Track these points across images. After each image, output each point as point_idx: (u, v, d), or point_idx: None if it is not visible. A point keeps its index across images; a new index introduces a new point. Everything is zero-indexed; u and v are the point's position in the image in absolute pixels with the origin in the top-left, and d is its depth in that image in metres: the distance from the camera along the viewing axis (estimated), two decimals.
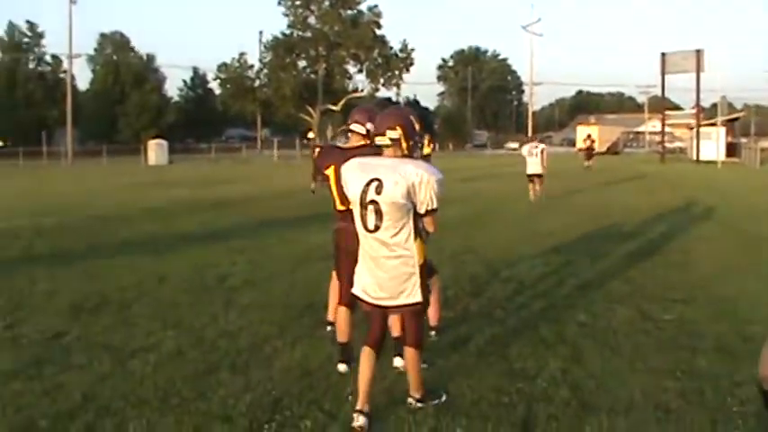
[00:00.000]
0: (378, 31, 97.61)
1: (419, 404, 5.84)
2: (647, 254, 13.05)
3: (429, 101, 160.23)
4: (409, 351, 5.75)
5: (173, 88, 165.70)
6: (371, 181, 5.38)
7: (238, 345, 7.56)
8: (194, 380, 6.47)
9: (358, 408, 5.52)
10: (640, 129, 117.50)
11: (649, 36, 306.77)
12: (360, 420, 5.46)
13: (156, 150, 69.68)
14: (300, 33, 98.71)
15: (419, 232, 5.52)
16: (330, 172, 6.72)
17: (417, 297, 5.51)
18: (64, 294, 10.07)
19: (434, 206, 5.38)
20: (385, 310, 5.72)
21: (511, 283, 10.69)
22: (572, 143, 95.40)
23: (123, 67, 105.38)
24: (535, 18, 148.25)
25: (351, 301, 6.38)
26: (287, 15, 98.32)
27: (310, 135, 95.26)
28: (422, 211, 5.38)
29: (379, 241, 5.46)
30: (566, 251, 13.46)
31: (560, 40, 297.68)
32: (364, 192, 5.42)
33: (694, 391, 6.20)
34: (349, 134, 6.65)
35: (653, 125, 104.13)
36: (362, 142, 6.49)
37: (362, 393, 5.55)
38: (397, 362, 6.56)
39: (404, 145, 5.48)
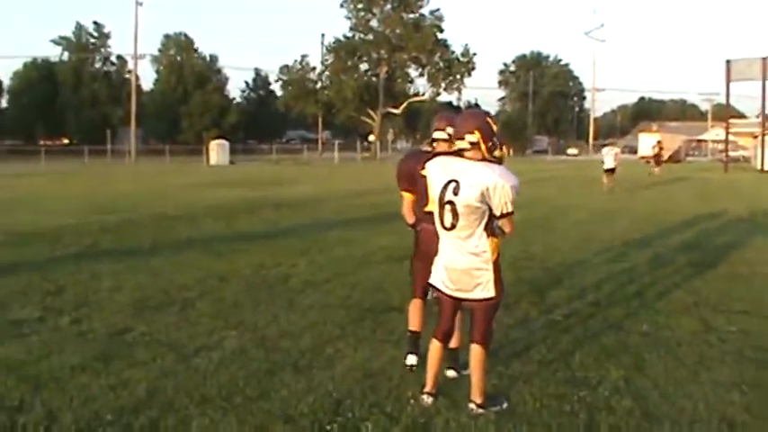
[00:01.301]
0: (439, 35, 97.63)
1: (479, 410, 5.85)
2: (711, 264, 12.83)
3: (489, 106, 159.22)
4: (475, 348, 5.89)
5: (234, 89, 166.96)
6: (450, 182, 5.67)
7: (300, 345, 7.58)
8: (257, 379, 6.50)
9: (426, 390, 6.02)
10: (703, 137, 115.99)
11: (714, 43, 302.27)
12: (429, 400, 5.94)
13: (217, 150, 70.19)
14: (362, 36, 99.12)
15: (494, 231, 5.74)
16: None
17: (491, 292, 5.76)
18: (128, 291, 10.19)
19: (509, 210, 5.60)
20: (457, 303, 5.97)
21: (572, 290, 10.58)
22: (633, 150, 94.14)
23: (186, 67, 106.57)
24: (597, 24, 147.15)
25: (424, 294, 6.72)
26: (349, 18, 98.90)
27: (371, 138, 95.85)
28: (497, 213, 5.61)
29: (455, 238, 5.74)
30: (627, 258, 13.33)
31: (622, 46, 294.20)
32: (443, 192, 5.70)
33: (761, 405, 6.09)
34: (434, 144, 6.56)
35: (716, 133, 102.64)
36: (449, 148, 6.26)
37: (431, 379, 6.02)
38: (450, 373, 6.65)
39: (483, 147, 5.67)
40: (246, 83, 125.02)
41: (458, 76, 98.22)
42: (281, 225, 18.27)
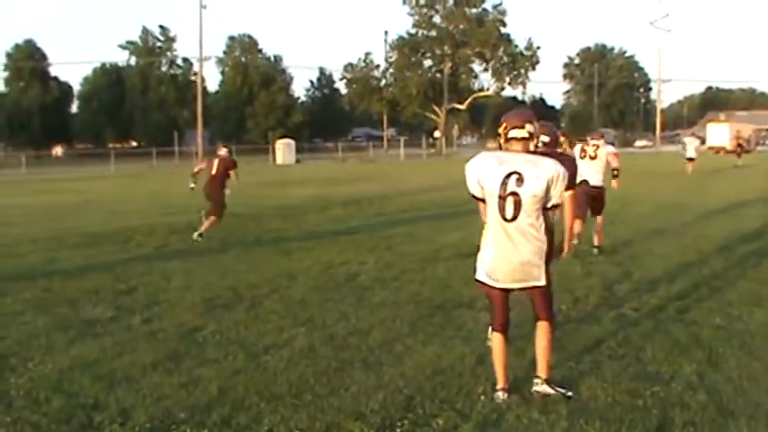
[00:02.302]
0: (503, 30, 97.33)
1: (544, 385, 6.05)
2: None
3: (554, 99, 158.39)
4: (543, 325, 6.08)
5: (299, 89, 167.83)
6: (511, 174, 5.75)
7: (369, 342, 7.57)
8: (326, 376, 6.51)
9: (499, 387, 6.00)
10: None
11: None
12: (503, 396, 5.92)
13: (283, 150, 70.69)
14: (426, 33, 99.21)
15: (549, 223, 5.99)
16: None
17: (543, 281, 5.94)
18: (197, 290, 10.30)
19: (559, 202, 5.94)
20: (508, 293, 6.06)
21: (641, 283, 10.43)
22: (702, 141, 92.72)
23: (251, 68, 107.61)
24: (662, 13, 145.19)
25: None
26: (412, 15, 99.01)
27: (436, 134, 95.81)
28: (549, 204, 5.85)
29: (516, 229, 5.81)
30: (698, 250, 13.09)
31: (688, 35, 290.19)
32: (504, 184, 5.76)
33: None
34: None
35: None
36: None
37: (502, 375, 6.04)
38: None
39: (534, 141, 6.04)
40: (311, 82, 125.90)
41: (522, 71, 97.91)
42: (349, 223, 18.33)
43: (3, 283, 10.97)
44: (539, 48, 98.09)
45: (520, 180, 5.73)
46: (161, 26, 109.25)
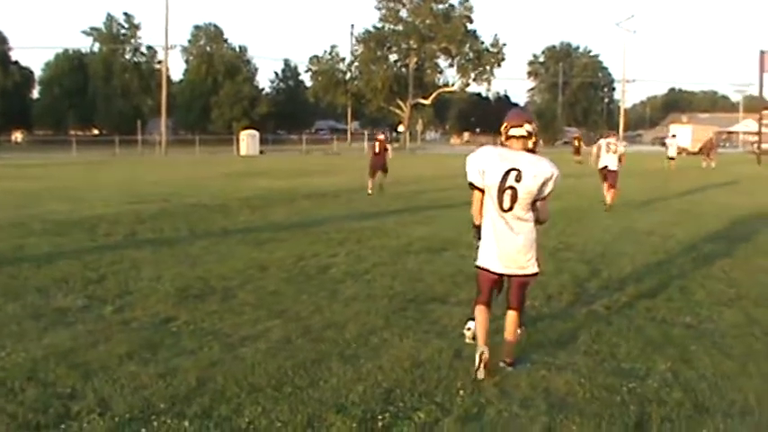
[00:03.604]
0: (469, 26, 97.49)
1: (509, 368, 6.52)
2: (751, 256, 12.75)
3: (519, 97, 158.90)
4: (512, 314, 6.64)
5: (264, 80, 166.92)
6: (511, 170, 6.29)
7: (345, 335, 7.57)
8: (304, 369, 6.48)
9: (481, 345, 6.43)
10: (734, 128, 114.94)
11: (746, 33, 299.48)
12: (486, 353, 6.31)
13: (248, 141, 70.38)
14: (392, 27, 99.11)
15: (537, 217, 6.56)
16: None
17: (535, 269, 6.58)
18: (168, 280, 10.23)
19: (545, 196, 6.47)
20: (500, 279, 6.64)
21: (612, 281, 10.55)
22: (664, 143, 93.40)
23: (216, 58, 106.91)
24: (628, 14, 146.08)
25: None
26: (379, 9, 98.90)
27: (400, 128, 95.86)
28: (536, 198, 6.40)
29: (512, 218, 6.38)
30: (665, 250, 13.26)
31: (653, 37, 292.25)
32: (504, 178, 6.30)
33: None
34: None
35: (745, 125, 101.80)
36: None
37: (482, 337, 6.49)
38: (471, 324, 7.21)
39: (533, 139, 6.48)
40: (276, 73, 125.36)
41: (487, 67, 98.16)
42: (316, 215, 18.29)
43: None
44: (504, 45, 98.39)
45: (519, 177, 6.27)
46: (125, 13, 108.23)
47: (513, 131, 6.46)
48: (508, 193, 6.30)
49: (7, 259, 11.79)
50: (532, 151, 6.53)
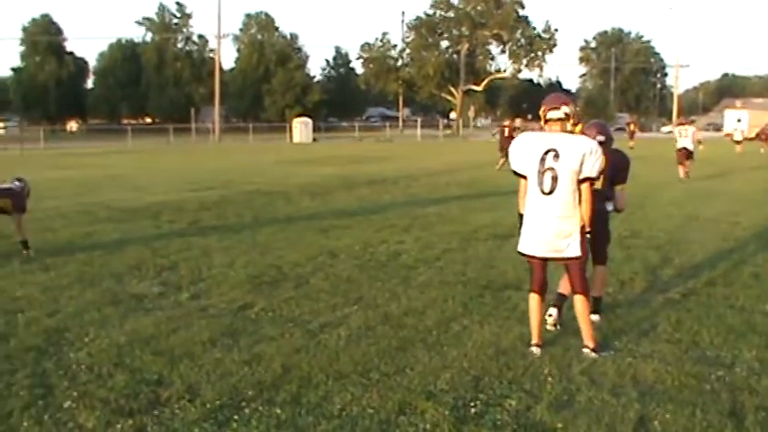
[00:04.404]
0: (521, 12, 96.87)
1: (593, 353, 6.47)
2: None
3: (570, 83, 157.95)
4: (577, 298, 6.58)
5: (315, 68, 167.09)
6: (549, 151, 6.33)
7: (426, 322, 7.52)
8: (389, 355, 6.45)
9: (534, 342, 6.61)
10: None
11: None
12: (537, 351, 6.50)
13: (300, 128, 70.60)
14: (443, 13, 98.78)
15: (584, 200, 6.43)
16: None
17: (577, 252, 6.44)
18: (240, 267, 10.27)
19: (593, 174, 6.35)
20: (546, 263, 6.66)
21: (684, 268, 10.36)
22: (718, 128, 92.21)
23: (267, 46, 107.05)
24: None
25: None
26: None
27: (453, 115, 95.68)
28: (581, 176, 6.31)
29: (553, 203, 6.35)
30: (734, 238, 13.02)
31: (706, 21, 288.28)
32: (542, 159, 6.34)
33: None
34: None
35: None
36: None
37: (536, 332, 6.65)
38: (552, 311, 7.30)
39: (571, 121, 6.50)
40: (327, 61, 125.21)
41: (539, 53, 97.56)
42: (378, 202, 18.29)
43: (43, 257, 10.91)
44: (556, 30, 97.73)
45: (556, 156, 6.29)
46: (177, 2, 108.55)
47: (551, 114, 6.51)
48: (548, 174, 6.33)
49: (78, 246, 11.91)
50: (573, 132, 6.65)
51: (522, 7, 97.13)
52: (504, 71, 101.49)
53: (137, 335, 7.05)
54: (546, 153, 6.32)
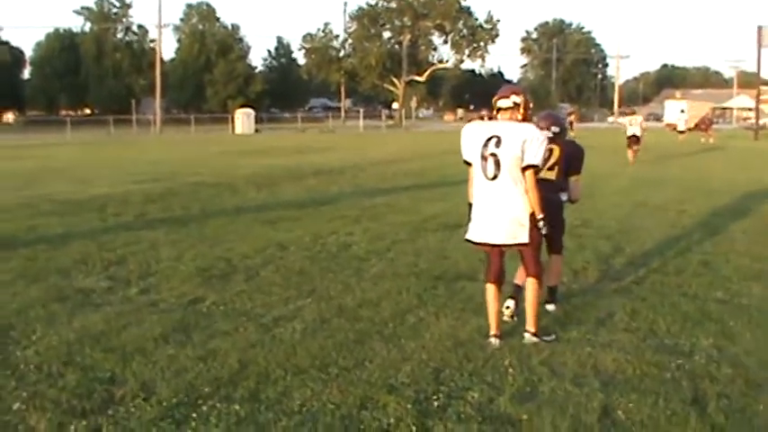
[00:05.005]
0: (463, 2, 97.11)
1: (533, 338, 6.59)
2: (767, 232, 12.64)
3: (512, 74, 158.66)
4: (529, 281, 6.71)
5: (257, 58, 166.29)
6: (492, 137, 6.44)
7: (381, 314, 7.43)
8: (347, 349, 6.35)
9: (492, 333, 6.60)
10: (727, 104, 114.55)
11: (739, 9, 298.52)
12: (496, 342, 6.51)
13: (243, 119, 70.30)
14: (385, 4, 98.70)
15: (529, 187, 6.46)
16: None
17: (526, 239, 6.48)
18: (189, 260, 10.09)
19: (536, 162, 6.42)
20: (502, 250, 6.68)
21: (636, 257, 10.42)
22: (658, 118, 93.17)
23: (209, 36, 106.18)
24: None
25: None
26: None
27: (395, 106, 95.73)
28: (524, 164, 6.38)
29: (498, 188, 6.45)
30: (682, 226, 13.14)
31: (645, 13, 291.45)
32: (485, 146, 6.45)
33: None
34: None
35: (740, 100, 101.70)
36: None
37: (494, 321, 6.65)
38: (509, 302, 7.30)
39: (521, 111, 6.55)
40: (269, 51, 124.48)
41: (481, 44, 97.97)
42: (326, 193, 18.20)
43: None
44: (498, 21, 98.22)
45: (498, 142, 6.39)
46: None
47: (500, 103, 6.62)
48: (491, 160, 6.42)
49: (21, 241, 11.63)
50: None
51: None
52: (447, 61, 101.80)
53: (86, 331, 6.85)
54: (489, 140, 6.44)
